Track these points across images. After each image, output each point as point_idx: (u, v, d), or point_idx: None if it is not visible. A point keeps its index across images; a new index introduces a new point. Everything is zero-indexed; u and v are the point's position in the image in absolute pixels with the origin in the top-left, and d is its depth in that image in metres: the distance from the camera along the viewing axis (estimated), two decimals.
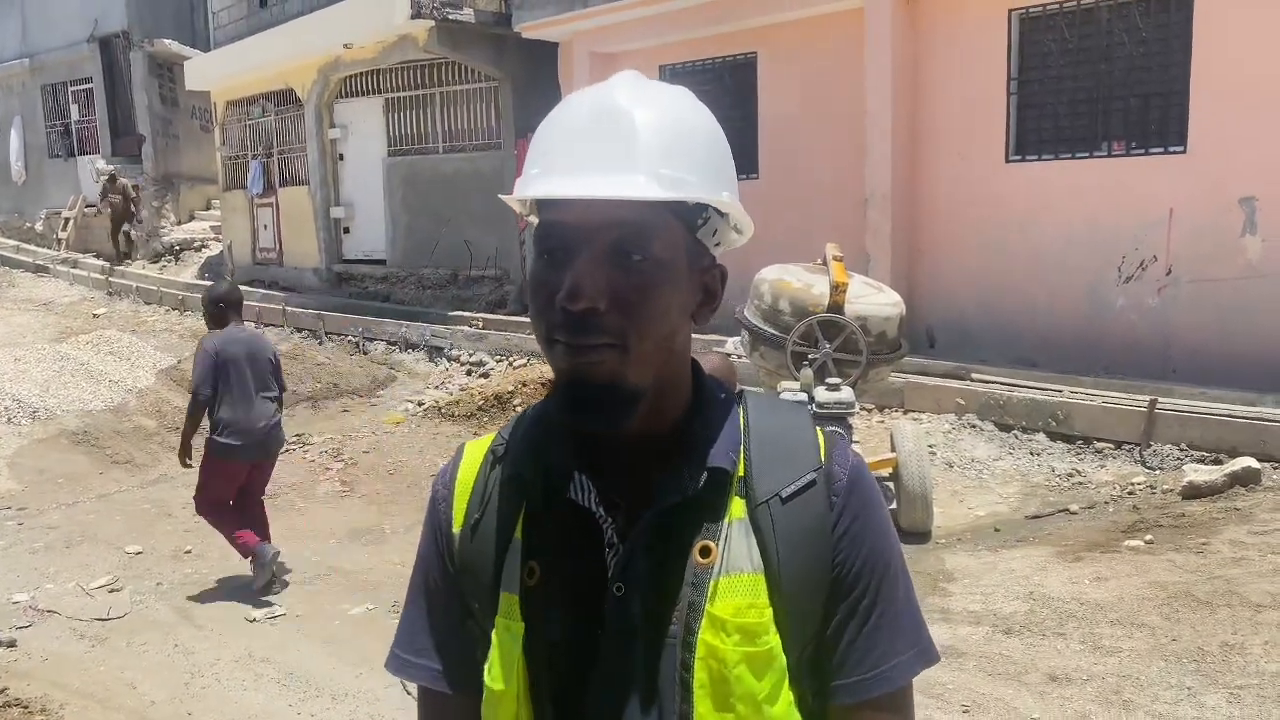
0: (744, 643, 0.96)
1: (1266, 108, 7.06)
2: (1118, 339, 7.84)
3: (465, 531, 1.08)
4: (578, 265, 0.94)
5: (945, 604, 4.62)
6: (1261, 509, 5.34)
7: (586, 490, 1.01)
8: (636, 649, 0.98)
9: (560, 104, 1.02)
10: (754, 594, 0.97)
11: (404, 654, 1.14)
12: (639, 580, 0.98)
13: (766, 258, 6.26)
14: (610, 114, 0.96)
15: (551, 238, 0.97)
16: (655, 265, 0.96)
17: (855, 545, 1.00)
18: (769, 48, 9.86)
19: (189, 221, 18.97)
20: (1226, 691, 3.62)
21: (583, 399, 0.96)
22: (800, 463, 1.02)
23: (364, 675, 4.27)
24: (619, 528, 1.00)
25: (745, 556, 0.98)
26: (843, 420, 5.28)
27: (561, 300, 0.94)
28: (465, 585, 1.08)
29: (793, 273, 6.03)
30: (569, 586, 1.01)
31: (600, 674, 0.99)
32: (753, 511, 1.00)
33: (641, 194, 0.93)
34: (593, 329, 0.94)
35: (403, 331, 11.38)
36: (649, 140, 0.95)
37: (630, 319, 0.95)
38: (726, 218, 1.03)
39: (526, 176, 0.99)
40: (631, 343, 0.95)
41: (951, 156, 8.72)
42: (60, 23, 19.84)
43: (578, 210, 0.95)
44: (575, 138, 0.97)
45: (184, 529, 6.65)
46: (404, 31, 12.15)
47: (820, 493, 1.01)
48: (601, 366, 0.95)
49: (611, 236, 0.94)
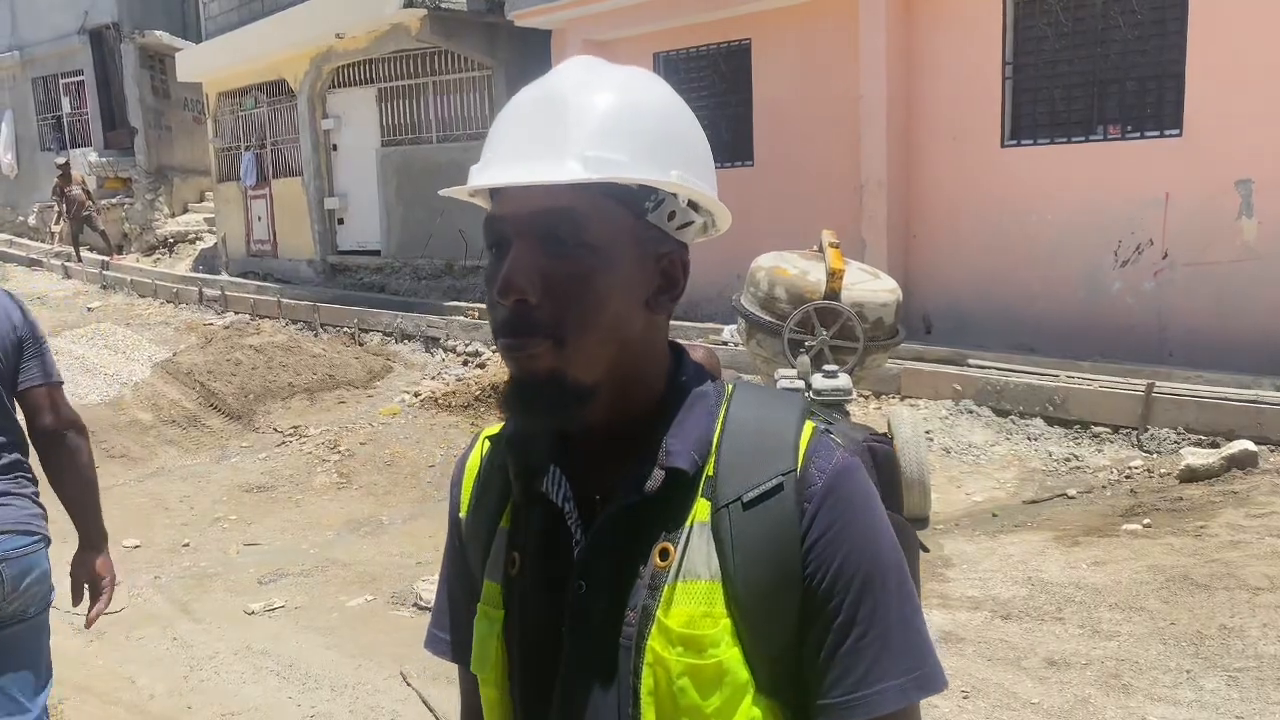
0: (688, 654, 0.91)
1: (1263, 90, 7.05)
2: (1114, 323, 7.84)
3: (469, 516, 1.09)
4: (510, 256, 0.91)
5: (944, 590, 4.62)
6: (1259, 492, 5.35)
7: (559, 484, 0.99)
8: (594, 648, 0.95)
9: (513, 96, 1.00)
10: (709, 602, 0.92)
11: (433, 629, 1.16)
12: (601, 579, 0.96)
13: (762, 245, 6.25)
14: (549, 100, 0.93)
15: (492, 232, 0.95)
16: (589, 252, 0.91)
17: (828, 554, 0.92)
18: (763, 34, 9.81)
19: (183, 214, 18.92)
20: (1225, 674, 3.63)
21: (525, 397, 0.93)
22: (769, 465, 0.94)
23: (363, 667, 4.27)
24: (587, 523, 0.97)
25: (703, 563, 0.93)
26: (840, 407, 5.27)
27: (494, 295, 0.91)
28: (472, 566, 1.09)
29: (789, 260, 6.01)
30: (542, 579, 1.00)
31: (565, 669, 0.98)
32: (714, 515, 0.93)
33: (564, 178, 0.88)
34: (526, 322, 0.91)
35: (398, 322, 11.36)
36: (583, 123, 0.91)
37: (566, 310, 0.91)
38: (681, 199, 0.97)
39: (471, 170, 0.97)
40: (569, 335, 0.91)
41: (947, 141, 8.70)
42: (50, 15, 19.74)
43: (513, 201, 0.92)
44: (513, 126, 0.95)
45: (181, 522, 6.64)
46: (396, 20, 12.09)
47: (788, 498, 0.92)
48: (539, 361, 0.91)
49: (541, 224, 0.91)
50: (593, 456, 0.99)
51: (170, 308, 14.28)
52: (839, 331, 5.68)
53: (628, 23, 10.54)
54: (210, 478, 7.70)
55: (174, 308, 14.25)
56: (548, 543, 1.00)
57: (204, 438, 8.81)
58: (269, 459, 8.06)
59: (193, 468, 8.05)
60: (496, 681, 1.02)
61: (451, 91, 12.91)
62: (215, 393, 9.70)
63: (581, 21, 10.88)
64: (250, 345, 11.16)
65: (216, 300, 13.96)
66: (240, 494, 7.23)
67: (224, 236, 16.89)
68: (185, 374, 10.23)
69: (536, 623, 0.99)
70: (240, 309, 13.53)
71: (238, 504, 7.01)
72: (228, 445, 8.60)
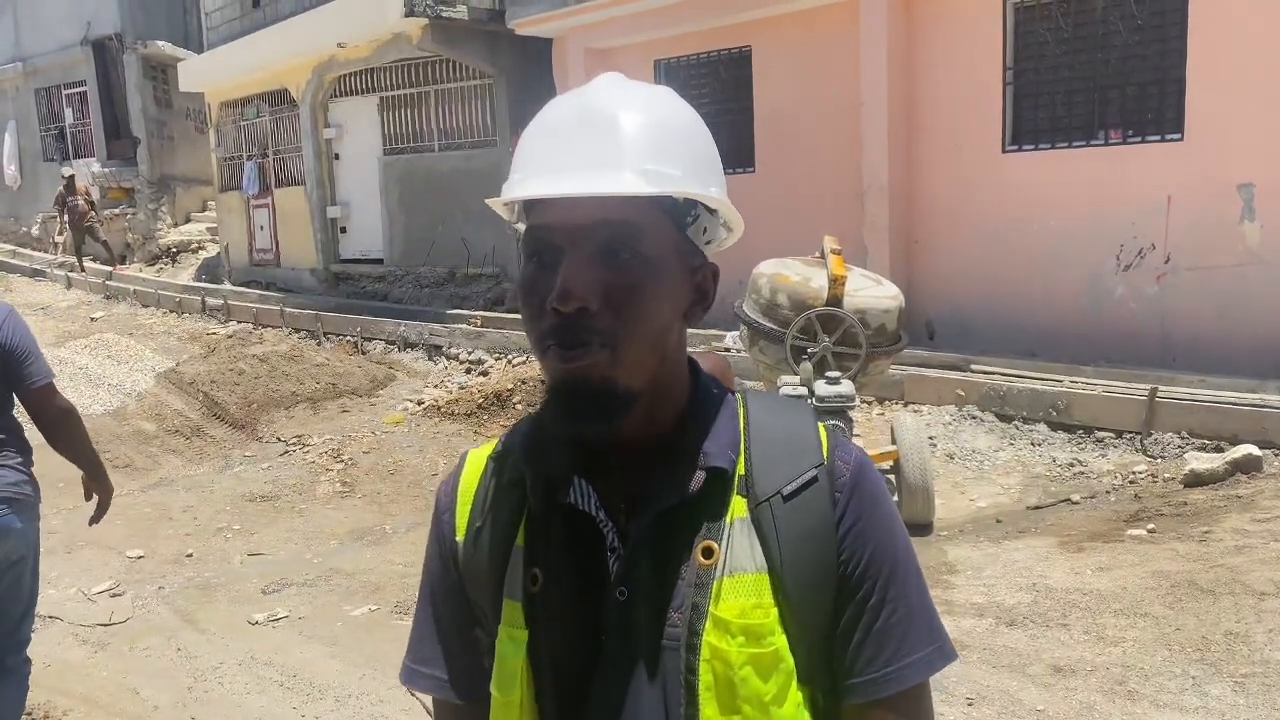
0: (749, 644, 0.95)
1: (1263, 93, 7.05)
2: (1117, 328, 7.83)
3: (469, 540, 1.07)
4: (567, 266, 0.93)
5: (948, 596, 4.61)
6: (1264, 496, 5.34)
7: (586, 495, 1.00)
8: (640, 653, 0.97)
9: (544, 108, 1.01)
10: (758, 594, 0.96)
11: (414, 664, 1.14)
12: (641, 583, 0.98)
13: (764, 252, 6.25)
14: (594, 114, 0.96)
15: (539, 241, 0.96)
16: (644, 263, 0.94)
17: (861, 542, 0.99)
18: (764, 41, 9.83)
19: (185, 223, 18.94)
20: (1231, 680, 3.61)
21: (576, 404, 0.95)
22: (802, 460, 1.00)
23: (368, 676, 4.27)
24: (620, 531, 0.99)
25: (748, 556, 0.97)
26: (843, 414, 5.27)
27: (552, 302, 0.93)
28: (471, 593, 1.08)
29: (791, 267, 6.01)
30: (572, 592, 1.00)
31: (604, 679, 0.98)
32: (754, 510, 0.98)
33: (628, 190, 0.92)
34: (584, 331, 0.93)
35: (401, 330, 11.36)
36: (634, 138, 0.94)
37: (621, 319, 0.93)
38: (716, 215, 1.02)
39: (511, 181, 0.98)
40: (622, 344, 0.94)
41: (948, 147, 8.70)
42: (53, 26, 19.80)
43: (564, 211, 0.94)
44: (560, 139, 0.96)
45: (185, 533, 6.64)
46: (397, 30, 12.12)
47: (823, 489, 0.99)
48: (594, 369, 0.94)
49: (599, 236, 0.93)
50: (616, 465, 1.01)
51: (173, 317, 14.30)
52: (841, 338, 5.68)
53: (628, 31, 10.57)
54: (214, 487, 7.70)
55: (177, 317, 14.27)
56: (573, 555, 1.00)
57: (207, 447, 8.81)
58: (272, 468, 8.06)
59: (196, 477, 8.05)
60: (520, 703, 1.01)
61: (453, 100, 12.93)
62: (218, 402, 9.71)
63: (582, 30, 10.90)
64: (253, 354, 11.16)
65: (219, 310, 13.98)
66: (244, 504, 7.22)
67: (226, 246, 16.91)
68: (188, 384, 10.24)
69: (568, 636, 0.99)
70: (243, 318, 13.53)
71: (241, 514, 7.01)
72: (231, 455, 8.61)
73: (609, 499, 1.01)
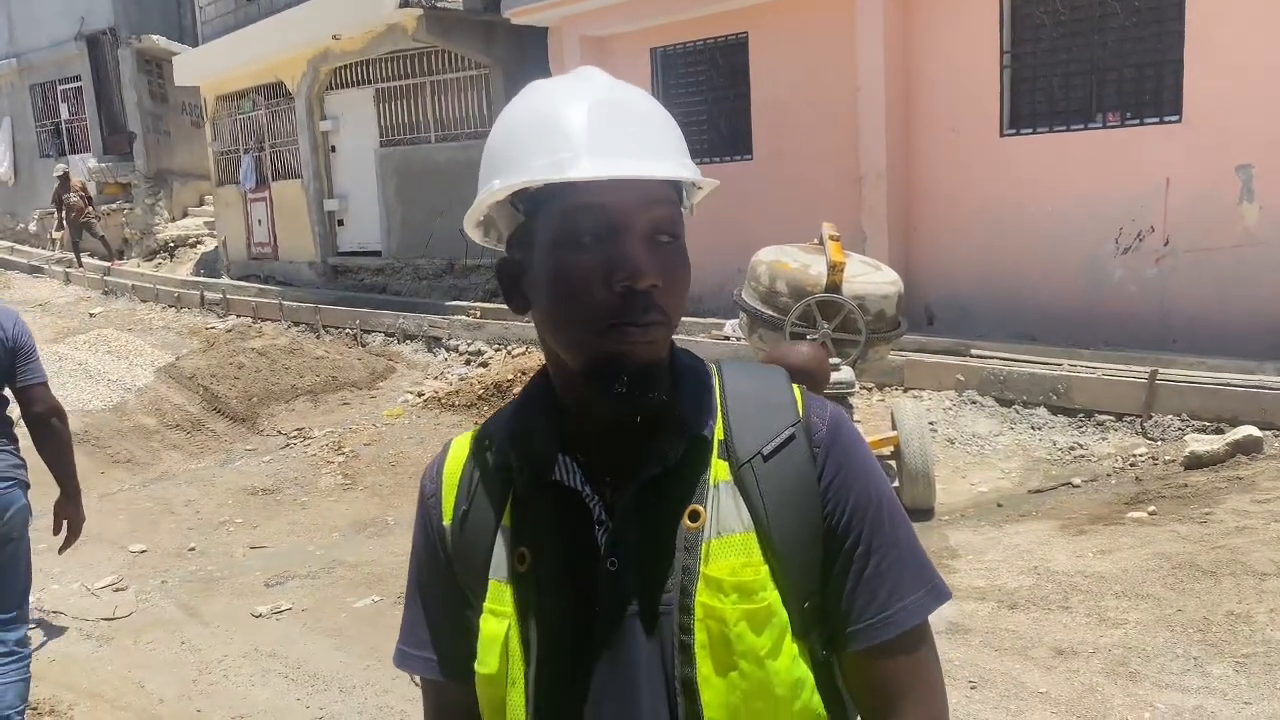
0: (742, 600, 0.97)
1: (1262, 74, 7.03)
2: (1116, 311, 7.83)
3: (455, 523, 1.09)
4: (630, 245, 0.95)
5: (950, 580, 4.60)
6: (1264, 477, 5.34)
7: (571, 471, 1.02)
8: (634, 620, 0.99)
9: (534, 97, 1.00)
10: (747, 552, 0.98)
11: (406, 647, 1.16)
12: (630, 553, 0.99)
13: (762, 239, 6.25)
14: (622, 106, 0.98)
15: (590, 220, 0.95)
16: (680, 245, 1.00)
17: (843, 493, 1.02)
18: (760, 27, 9.80)
19: (183, 218, 18.90)
20: (1233, 660, 3.62)
21: (640, 380, 0.97)
22: (778, 419, 1.03)
23: (372, 667, 4.28)
24: (607, 505, 1.01)
25: (734, 517, 0.99)
26: (843, 400, 5.27)
27: (624, 281, 0.94)
28: (460, 576, 1.09)
29: (789, 254, 6.01)
30: (561, 568, 1.01)
31: (597, 650, 1.00)
32: (736, 473, 1.01)
33: (683, 175, 0.98)
34: (654, 308, 0.96)
35: (400, 323, 11.36)
36: (664, 129, 1.00)
37: (674, 296, 0.98)
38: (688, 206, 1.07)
39: (543, 164, 0.95)
40: (673, 320, 0.99)
41: (946, 132, 8.68)
42: (46, 21, 19.72)
43: (617, 193, 0.95)
44: (602, 125, 0.95)
45: (187, 526, 6.66)
46: (392, 21, 12.07)
47: (801, 446, 1.02)
48: (657, 346, 0.98)
49: (650, 217, 0.96)
50: (599, 440, 1.03)
51: (172, 312, 14.29)
52: (841, 324, 5.68)
53: (624, 18, 10.53)
54: (215, 481, 7.71)
55: (176, 312, 14.26)
56: (560, 531, 1.02)
57: (208, 441, 8.82)
58: (273, 461, 8.07)
59: (197, 471, 8.06)
60: (510, 680, 1.02)
61: (449, 91, 12.89)
62: (219, 396, 9.71)
63: (578, 18, 10.86)
64: (253, 348, 11.17)
65: (218, 304, 13.97)
66: (245, 497, 7.24)
67: (224, 240, 16.88)
68: (188, 378, 10.24)
69: (558, 612, 1.01)
70: (242, 312, 13.53)
71: (243, 507, 7.02)
72: (232, 449, 8.62)
73: (593, 474, 1.02)
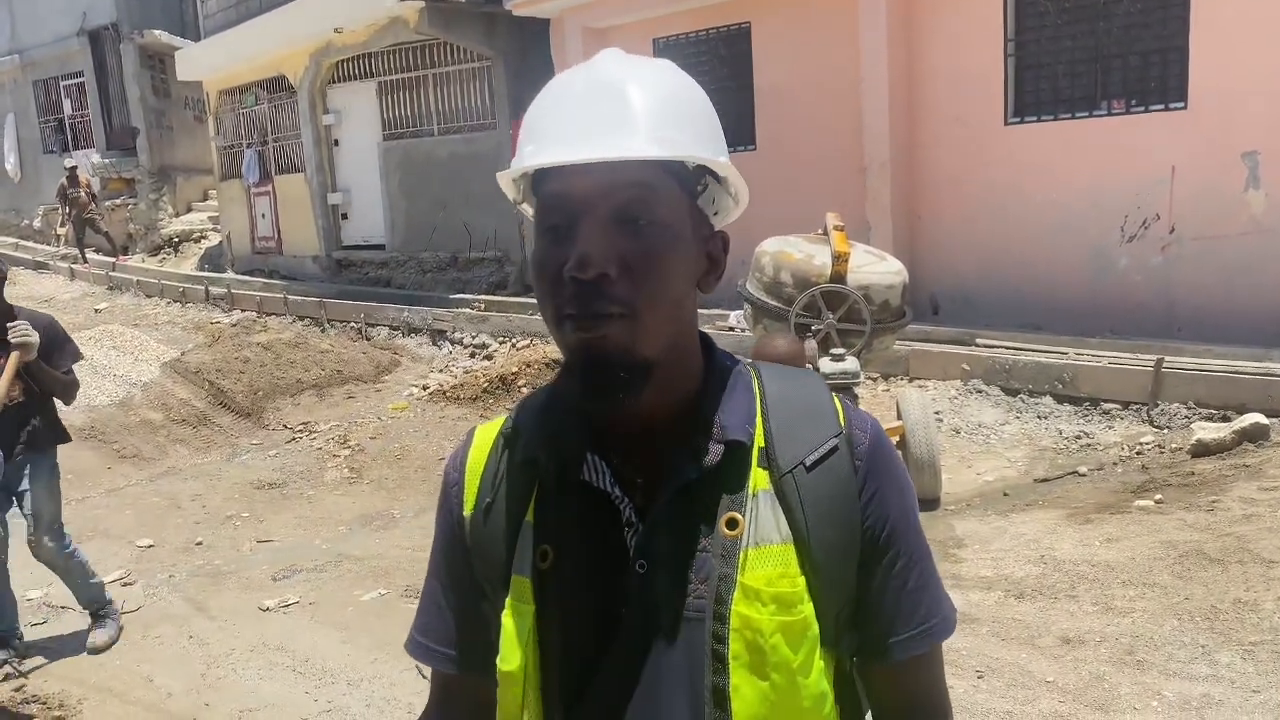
0: (780, 612, 0.96)
1: (1268, 61, 6.98)
2: (1122, 299, 7.81)
3: (477, 515, 1.07)
4: (583, 233, 0.92)
5: (957, 570, 4.62)
6: (1271, 465, 5.33)
7: (600, 471, 1.00)
8: (662, 624, 0.97)
9: (549, 84, 1.00)
10: (785, 564, 0.97)
11: (420, 637, 1.15)
12: (661, 556, 0.98)
13: (766, 229, 6.22)
14: (603, 85, 0.95)
15: (554, 211, 0.95)
16: (661, 230, 0.94)
17: (883, 508, 1.01)
18: (762, 17, 9.76)
19: (187, 213, 18.92)
20: (1240, 648, 3.62)
21: (596, 376, 0.94)
22: (821, 429, 1.01)
23: (379, 660, 4.29)
24: (637, 506, 1.00)
25: (774, 528, 0.98)
26: (848, 390, 5.26)
27: (570, 270, 0.91)
28: (478, 568, 1.07)
29: (794, 244, 5.99)
30: (586, 568, 1.00)
31: (619, 654, 0.98)
32: (777, 482, 0.99)
33: (644, 154, 0.92)
34: (603, 299, 0.92)
35: (405, 316, 11.36)
36: (644, 106, 0.94)
37: (639, 286, 0.93)
38: (724, 184, 1.02)
39: (522, 154, 0.97)
40: (642, 311, 0.93)
41: (950, 121, 8.65)
42: (49, 17, 19.73)
43: (578, 179, 0.93)
44: (570, 110, 0.95)
45: (194, 521, 6.67)
46: (394, 13, 12.06)
47: (843, 458, 1.00)
48: (613, 339, 0.93)
49: (615, 201, 0.92)
50: (630, 440, 1.01)
51: (177, 307, 14.31)
52: (846, 314, 5.67)
53: (626, 9, 10.49)
54: (222, 476, 7.73)
55: (181, 307, 14.27)
56: (586, 531, 1.00)
57: (214, 436, 8.84)
58: (279, 456, 8.09)
59: (204, 466, 8.08)
60: (526, 676, 1.01)
61: (452, 83, 12.87)
62: (224, 391, 9.73)
63: (580, 9, 10.82)
64: (258, 343, 11.19)
65: (223, 299, 13.98)
66: (252, 491, 7.25)
67: (228, 235, 16.90)
68: (194, 373, 10.26)
69: (581, 612, 0.99)
70: (247, 307, 13.55)
71: (250, 501, 7.04)
72: (238, 443, 8.63)
73: (623, 475, 1.01)
